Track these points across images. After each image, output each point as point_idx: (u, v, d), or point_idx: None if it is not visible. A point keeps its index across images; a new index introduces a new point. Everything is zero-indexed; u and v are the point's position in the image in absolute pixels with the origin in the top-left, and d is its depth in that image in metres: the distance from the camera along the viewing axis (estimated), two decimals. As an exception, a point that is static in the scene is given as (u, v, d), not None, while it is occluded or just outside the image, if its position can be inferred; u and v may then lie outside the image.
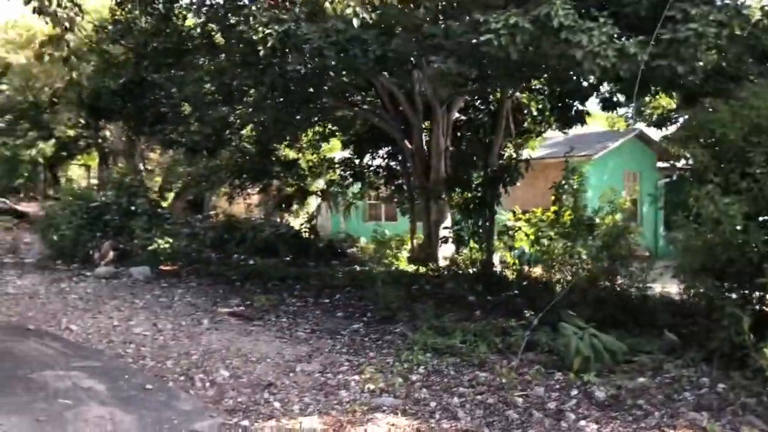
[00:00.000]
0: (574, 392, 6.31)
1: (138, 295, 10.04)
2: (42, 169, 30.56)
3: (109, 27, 12.33)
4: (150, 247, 12.81)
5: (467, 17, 8.06)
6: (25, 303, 9.01)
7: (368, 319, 9.39)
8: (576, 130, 16.46)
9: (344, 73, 9.50)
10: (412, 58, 9.24)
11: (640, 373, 6.84)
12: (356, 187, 19.00)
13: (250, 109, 10.88)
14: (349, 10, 6.61)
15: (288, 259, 15.94)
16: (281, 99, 10.24)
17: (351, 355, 7.70)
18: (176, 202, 23.99)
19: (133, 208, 13.39)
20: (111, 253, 12.42)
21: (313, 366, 7.23)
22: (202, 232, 17.77)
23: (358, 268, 13.81)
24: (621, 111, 22.16)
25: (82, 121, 23.99)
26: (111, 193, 13.71)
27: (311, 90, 10.41)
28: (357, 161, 17.70)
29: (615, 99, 12.01)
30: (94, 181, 29.50)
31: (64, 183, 25.69)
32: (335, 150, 19.65)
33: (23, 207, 19.69)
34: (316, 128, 17.29)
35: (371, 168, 17.61)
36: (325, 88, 10.78)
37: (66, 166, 34.32)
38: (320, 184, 19.18)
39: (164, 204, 23.78)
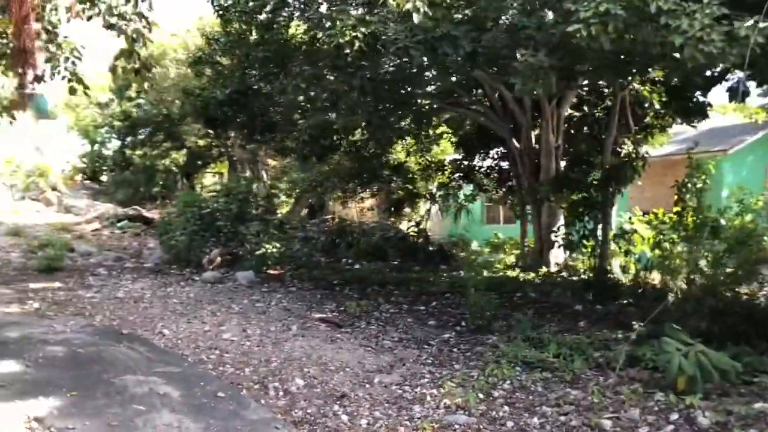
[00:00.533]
0: (674, 416, 5.61)
1: (236, 300, 10.22)
2: (178, 178, 32.30)
3: (221, 39, 12.73)
4: (258, 252, 13.11)
5: (560, 6, 7.49)
6: (129, 307, 9.39)
7: (461, 329, 8.98)
8: (711, 123, 15.09)
9: (434, 73, 9.16)
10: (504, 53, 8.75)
11: (760, 397, 6.01)
12: (468, 190, 18.54)
13: (342, 114, 10.82)
14: (409, 5, 6.29)
15: (395, 263, 15.78)
16: (373, 102, 10.07)
17: (435, 367, 7.35)
18: (296, 207, 24.57)
19: (244, 213, 13.76)
20: (218, 258, 12.82)
21: (393, 377, 6.95)
22: (316, 237, 18.05)
23: (462, 274, 13.37)
24: (761, 101, 20.22)
25: (211, 132, 25.11)
26: (222, 200, 14.18)
27: (405, 91, 10.15)
28: (467, 163, 17.25)
29: (743, 88, 10.80)
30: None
31: (198, 190, 27.08)
32: (447, 152, 19.29)
33: (151, 214, 20.89)
34: (426, 131, 17.03)
35: (482, 169, 17.10)
36: (421, 90, 10.49)
37: (201, 174, 36.11)
38: (432, 187, 18.88)
39: (284, 210, 24.52)
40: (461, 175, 17.45)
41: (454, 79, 11.39)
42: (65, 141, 33.41)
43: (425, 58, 8.42)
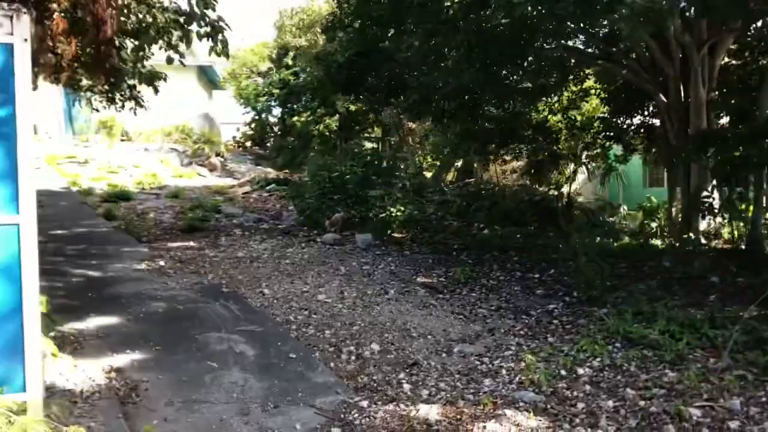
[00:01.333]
0: (782, 410, 4.81)
1: (346, 262, 10.27)
2: (337, 143, 33.20)
3: (344, 4, 12.69)
4: (381, 215, 13.11)
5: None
6: (243, 266, 9.76)
7: (571, 299, 8.36)
8: None
9: (553, 24, 8.43)
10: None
11: None
12: (619, 149, 17.20)
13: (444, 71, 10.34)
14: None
15: (531, 228, 15.08)
16: (481, 59, 9.49)
17: (526, 339, 6.90)
18: (441, 170, 24.31)
19: (368, 177, 13.79)
20: (340, 221, 12.97)
21: (475, 347, 6.63)
22: (452, 200, 17.74)
23: (597, 240, 12.48)
24: None
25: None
26: (351, 163, 14.31)
27: (523, 46, 9.47)
28: (614, 120, 15.96)
29: None
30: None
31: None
32: (599, 110, 17.97)
33: (299, 177, 21.63)
34: (563, 87, 15.93)
35: (631, 127, 15.75)
36: (542, 44, 9.74)
37: (360, 139, 36.87)
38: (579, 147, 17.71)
39: (427, 174, 24.36)
40: (609, 134, 16.20)
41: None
42: (233, 109, 35.58)
43: (530, 8, 7.74)
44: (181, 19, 9.38)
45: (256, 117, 34.10)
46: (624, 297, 8.14)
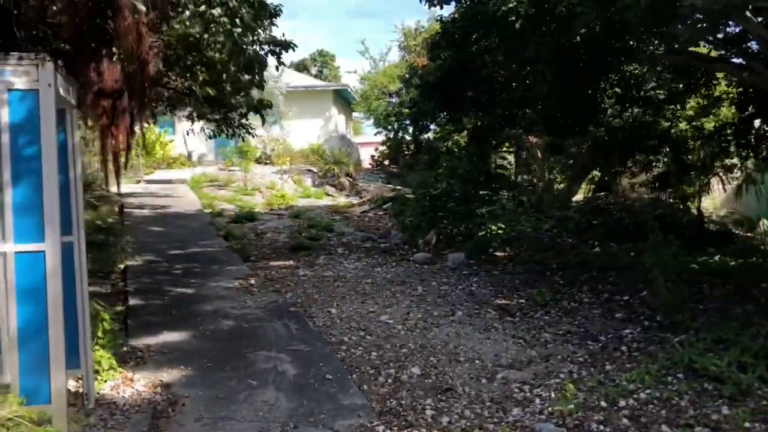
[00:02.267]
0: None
1: (427, 281, 10.18)
2: (472, 159, 32.92)
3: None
4: (480, 233, 12.85)
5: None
6: (325, 285, 9.99)
7: (651, 324, 7.74)
8: None
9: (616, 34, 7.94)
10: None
11: None
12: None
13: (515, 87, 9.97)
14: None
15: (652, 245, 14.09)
16: (554, 71, 9.04)
17: (582, 366, 6.50)
18: (572, 185, 23.41)
19: (468, 194, 13.55)
20: (434, 239, 12.87)
21: (522, 374, 6.35)
22: (573, 217, 17.05)
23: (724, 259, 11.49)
24: None
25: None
26: (452, 181, 14.17)
27: (599, 54, 8.97)
28: (747, 127, 14.57)
29: None
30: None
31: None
32: (731, 117, 16.52)
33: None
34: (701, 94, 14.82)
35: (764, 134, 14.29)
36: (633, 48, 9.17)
37: (495, 154, 36.42)
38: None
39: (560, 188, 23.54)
40: (741, 142, 14.82)
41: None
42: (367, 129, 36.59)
43: (591, 21, 7.34)
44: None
45: (391, 136, 34.82)
46: (713, 323, 7.42)
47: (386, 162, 37.09)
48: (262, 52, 11.55)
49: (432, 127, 29.81)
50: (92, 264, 11.54)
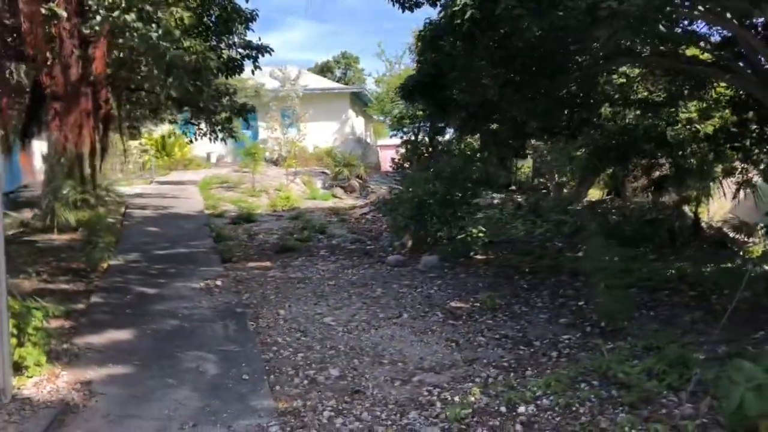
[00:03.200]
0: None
1: (389, 284, 10.17)
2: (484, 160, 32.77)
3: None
4: (460, 237, 12.78)
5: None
6: (286, 287, 10.06)
7: (594, 330, 7.64)
8: None
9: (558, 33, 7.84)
10: None
11: None
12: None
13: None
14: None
15: (641, 249, 13.86)
16: (503, 72, 8.94)
17: (504, 371, 6.46)
18: (580, 188, 23.13)
19: (452, 197, 13.46)
20: (409, 242, 12.85)
21: (439, 377, 6.34)
22: (568, 220, 16.87)
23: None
24: None
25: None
26: (436, 183, 14.10)
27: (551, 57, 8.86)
28: (741, 130, 14.22)
29: None
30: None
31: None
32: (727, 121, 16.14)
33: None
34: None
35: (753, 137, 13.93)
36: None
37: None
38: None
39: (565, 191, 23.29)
40: (735, 145, 14.48)
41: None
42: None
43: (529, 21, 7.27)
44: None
45: (408, 138, 34.79)
46: (655, 330, 7.29)
47: (405, 164, 37.09)
48: (237, 56, 11.77)
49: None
50: (77, 263, 11.88)
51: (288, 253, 13.40)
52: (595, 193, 23.55)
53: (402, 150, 36.65)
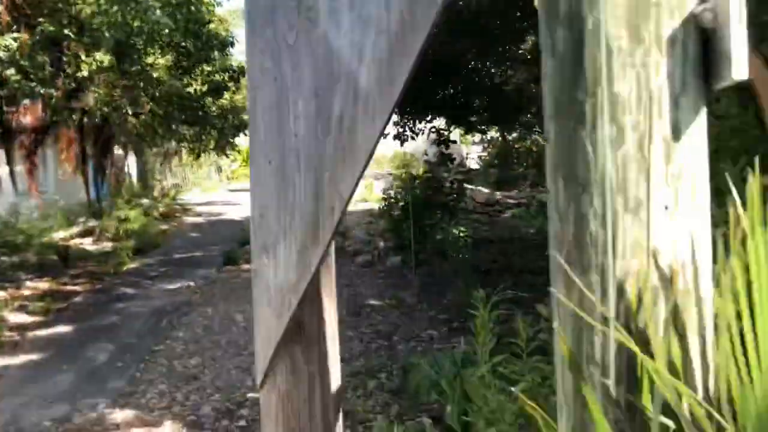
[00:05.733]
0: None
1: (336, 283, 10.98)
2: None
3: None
4: (439, 237, 13.18)
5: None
6: (242, 287, 11.14)
7: (459, 326, 8.10)
8: None
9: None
10: None
11: None
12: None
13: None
14: None
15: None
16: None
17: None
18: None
19: (429, 200, 13.89)
20: (381, 244, 13.45)
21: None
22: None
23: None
24: None
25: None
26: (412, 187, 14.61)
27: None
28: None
29: None
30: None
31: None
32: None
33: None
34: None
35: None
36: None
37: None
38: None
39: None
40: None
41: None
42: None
43: None
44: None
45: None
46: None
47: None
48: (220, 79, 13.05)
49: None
50: (102, 267, 13.66)
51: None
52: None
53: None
